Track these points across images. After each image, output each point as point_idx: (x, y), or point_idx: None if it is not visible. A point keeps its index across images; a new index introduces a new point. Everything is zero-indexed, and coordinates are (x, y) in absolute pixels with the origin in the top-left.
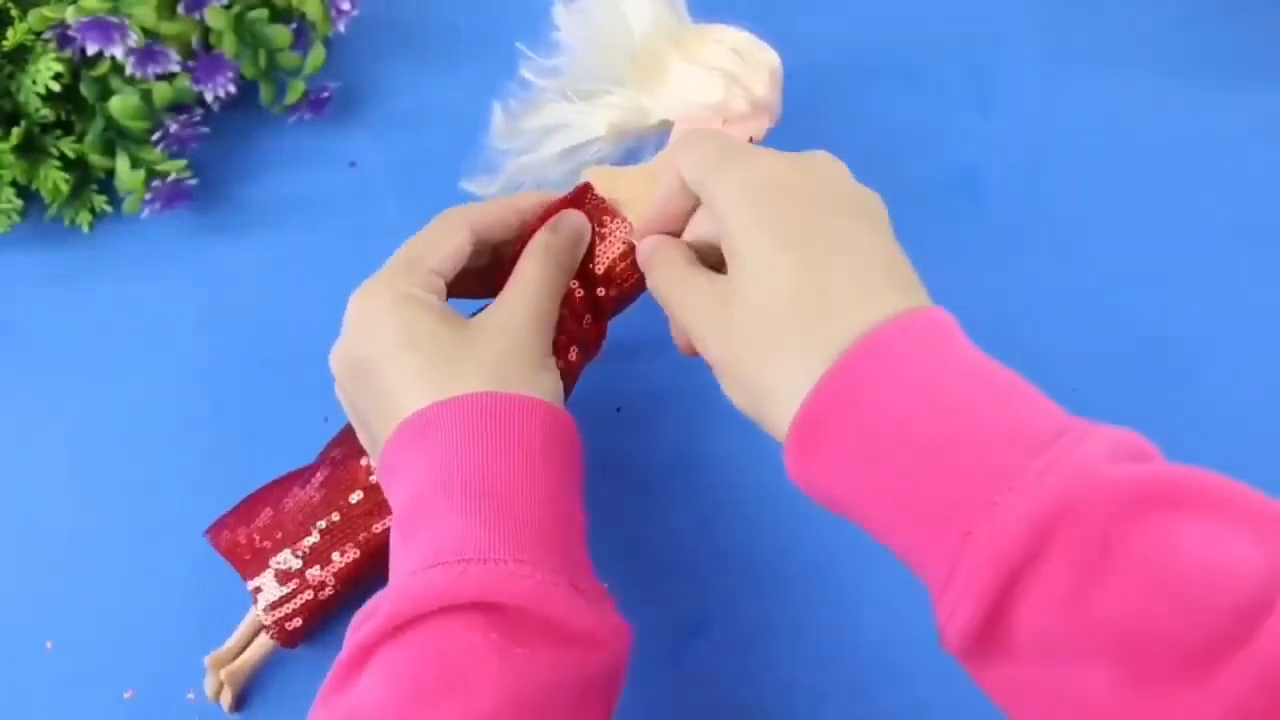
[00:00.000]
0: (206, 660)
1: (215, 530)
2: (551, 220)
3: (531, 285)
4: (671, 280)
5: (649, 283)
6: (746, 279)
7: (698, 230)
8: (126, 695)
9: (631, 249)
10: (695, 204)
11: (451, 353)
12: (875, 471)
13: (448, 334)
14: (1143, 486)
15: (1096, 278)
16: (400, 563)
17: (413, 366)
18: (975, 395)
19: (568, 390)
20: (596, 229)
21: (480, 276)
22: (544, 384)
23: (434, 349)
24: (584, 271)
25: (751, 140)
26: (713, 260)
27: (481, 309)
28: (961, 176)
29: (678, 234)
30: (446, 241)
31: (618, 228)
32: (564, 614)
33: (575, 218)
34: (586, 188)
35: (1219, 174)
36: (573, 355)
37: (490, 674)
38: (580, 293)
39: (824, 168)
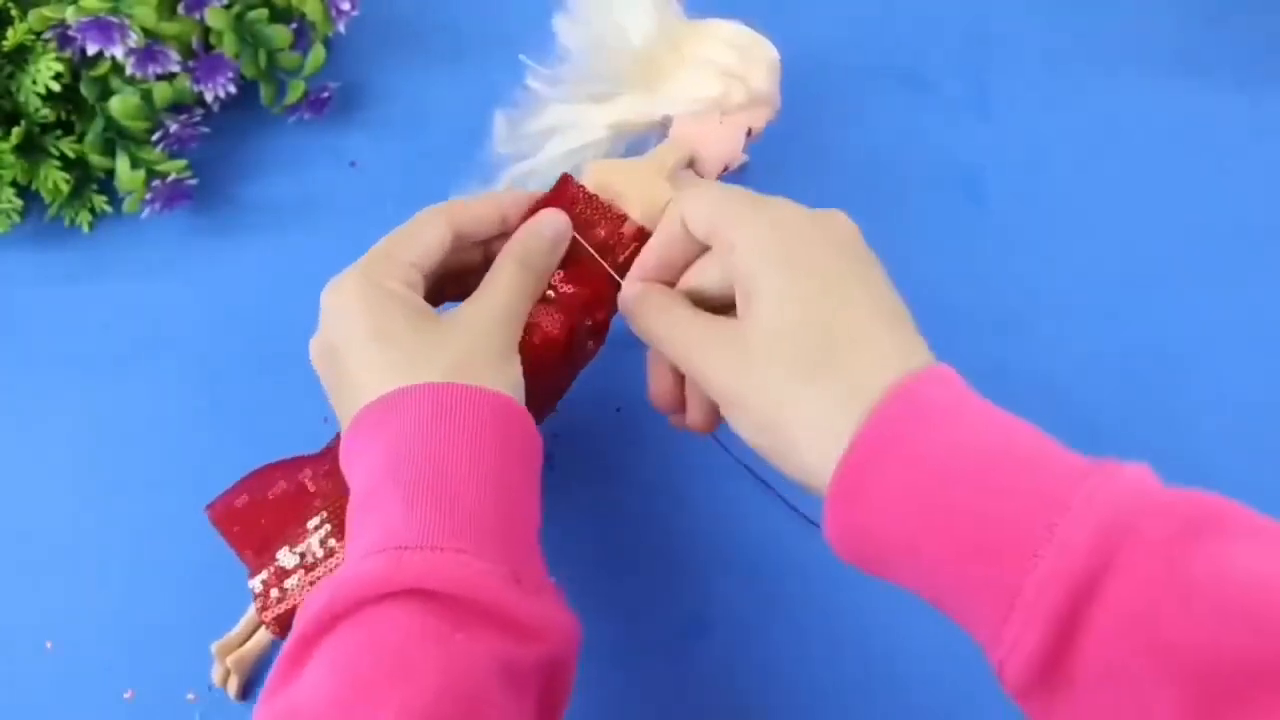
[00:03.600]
0: (213, 647)
1: (217, 510)
2: (530, 222)
3: (501, 285)
4: (674, 321)
5: (639, 325)
6: (767, 311)
7: (701, 278)
8: (126, 695)
9: (629, 242)
10: (694, 254)
11: (414, 344)
12: (926, 509)
13: (414, 326)
14: (1194, 507)
15: (1096, 278)
16: (350, 551)
17: (377, 356)
18: (1010, 433)
19: (565, 388)
20: (589, 222)
21: (475, 277)
22: (504, 378)
23: (398, 340)
24: (576, 266)
25: (751, 132)
26: (710, 309)
27: None
28: (961, 176)
29: (670, 284)
30: (422, 234)
31: (620, 222)
32: (500, 602)
33: (556, 219)
34: (570, 181)
35: (1219, 174)
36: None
37: (430, 659)
38: (570, 288)
39: (843, 224)
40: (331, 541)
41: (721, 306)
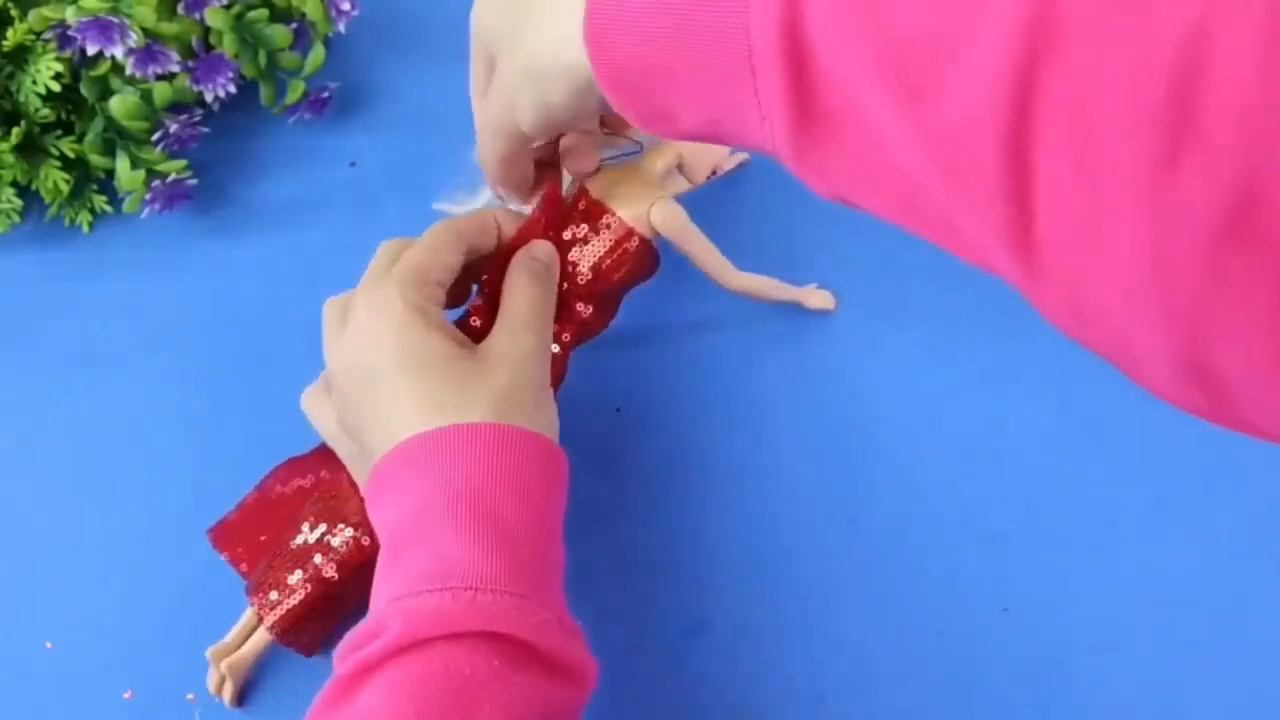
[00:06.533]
0: (208, 653)
1: (216, 531)
2: (529, 247)
3: (533, 312)
4: None
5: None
6: None
7: None
8: (126, 695)
9: (618, 245)
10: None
11: (460, 379)
12: (660, 28)
13: (457, 359)
14: None
15: None
16: (392, 578)
17: (421, 387)
18: None
19: (557, 383)
20: (590, 228)
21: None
22: (545, 419)
23: (443, 373)
24: (572, 273)
25: None
26: None
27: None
28: None
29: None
30: (445, 255)
31: (609, 225)
32: (558, 650)
33: (549, 248)
34: (559, 189)
35: None
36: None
37: (493, 699)
38: (567, 287)
39: None
40: (329, 539)
41: None
